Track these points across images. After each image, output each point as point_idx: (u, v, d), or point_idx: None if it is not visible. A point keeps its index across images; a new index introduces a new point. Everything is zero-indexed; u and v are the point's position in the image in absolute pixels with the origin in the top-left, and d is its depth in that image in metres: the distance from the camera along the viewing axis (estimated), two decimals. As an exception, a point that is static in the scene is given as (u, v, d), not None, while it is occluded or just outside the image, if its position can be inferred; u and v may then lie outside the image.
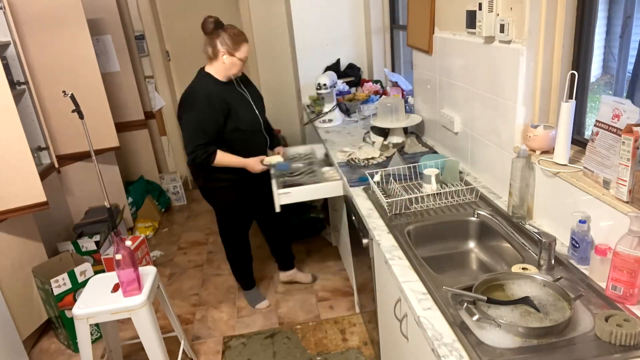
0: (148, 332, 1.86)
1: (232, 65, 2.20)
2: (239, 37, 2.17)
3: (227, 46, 2.15)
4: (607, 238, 1.23)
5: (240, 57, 2.19)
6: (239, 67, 2.22)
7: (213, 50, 2.18)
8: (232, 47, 2.16)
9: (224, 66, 2.20)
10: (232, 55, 2.17)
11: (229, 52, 2.16)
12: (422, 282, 1.33)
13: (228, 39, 2.15)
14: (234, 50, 2.16)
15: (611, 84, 1.65)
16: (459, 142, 2.11)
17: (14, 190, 2.31)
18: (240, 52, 2.18)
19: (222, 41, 2.15)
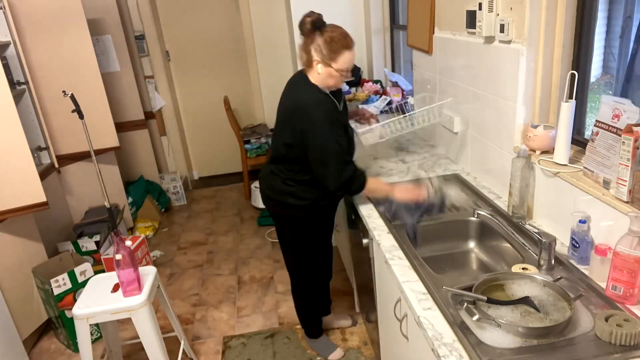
0: (148, 332, 1.86)
1: (328, 77, 1.74)
2: (337, 44, 1.68)
3: (321, 54, 1.69)
4: (607, 238, 1.23)
5: (338, 69, 1.71)
6: (337, 79, 1.74)
7: (307, 57, 1.74)
8: (327, 56, 1.69)
9: (319, 77, 1.75)
10: (328, 65, 1.70)
11: (323, 61, 1.70)
12: (422, 282, 1.33)
13: (323, 45, 1.68)
14: (329, 60, 1.69)
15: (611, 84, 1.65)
16: (459, 142, 2.11)
17: (14, 190, 2.31)
18: (338, 63, 1.70)
19: (316, 48, 1.69)
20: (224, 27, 4.42)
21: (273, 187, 1.95)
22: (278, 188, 1.92)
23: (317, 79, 1.76)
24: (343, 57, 1.70)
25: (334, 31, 1.69)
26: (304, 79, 1.79)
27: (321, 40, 1.68)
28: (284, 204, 1.94)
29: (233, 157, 4.78)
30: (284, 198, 1.93)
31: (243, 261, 3.26)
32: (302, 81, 1.80)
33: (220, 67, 4.54)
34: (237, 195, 4.43)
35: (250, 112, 4.68)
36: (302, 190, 1.90)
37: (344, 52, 1.69)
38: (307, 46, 1.73)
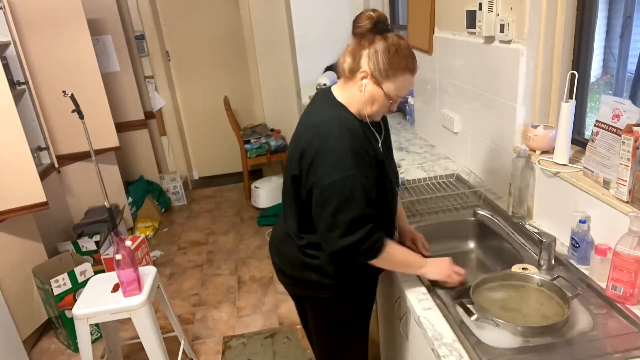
0: (148, 332, 1.86)
1: (371, 99, 1.23)
2: (401, 60, 1.19)
3: (375, 65, 1.19)
4: (607, 238, 1.23)
5: (389, 92, 1.21)
6: (381, 106, 1.24)
7: (352, 64, 1.22)
8: (383, 71, 1.19)
9: (357, 96, 1.23)
10: (378, 83, 1.20)
11: (374, 75, 1.20)
12: (422, 282, 1.33)
13: (383, 54, 1.18)
14: (384, 77, 1.19)
15: (611, 84, 1.65)
16: (459, 142, 2.11)
17: (13, 190, 2.30)
18: (395, 85, 1.21)
19: (371, 54, 1.18)
20: (224, 27, 4.42)
21: (287, 257, 1.39)
22: (294, 260, 1.36)
23: (353, 99, 1.24)
24: (403, 80, 1.21)
25: (401, 41, 1.21)
26: (328, 95, 1.29)
27: (382, 47, 1.18)
28: (305, 282, 1.37)
29: (233, 157, 4.78)
30: (304, 274, 1.36)
31: (243, 261, 3.26)
32: (326, 99, 1.29)
33: (220, 67, 4.54)
34: (237, 195, 4.43)
35: (250, 112, 4.67)
36: (329, 261, 1.30)
37: (406, 75, 1.21)
38: (357, 49, 1.21)
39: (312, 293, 1.38)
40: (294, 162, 1.25)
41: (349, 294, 1.37)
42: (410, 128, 2.83)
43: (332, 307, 1.38)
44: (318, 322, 1.45)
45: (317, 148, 1.18)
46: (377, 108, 1.24)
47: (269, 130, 4.32)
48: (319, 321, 1.44)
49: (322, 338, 1.48)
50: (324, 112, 1.25)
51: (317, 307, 1.41)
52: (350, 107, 1.25)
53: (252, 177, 4.35)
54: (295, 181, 1.26)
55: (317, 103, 1.32)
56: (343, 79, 1.27)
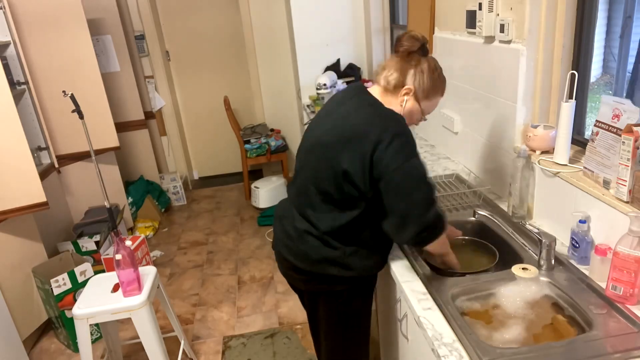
0: (148, 332, 1.86)
1: (409, 115, 1.34)
2: (439, 82, 1.34)
3: (421, 83, 1.31)
4: (607, 238, 1.23)
5: (424, 110, 1.36)
6: (414, 121, 1.39)
7: (398, 79, 1.31)
8: (426, 90, 1.32)
9: (397, 110, 1.33)
10: (419, 101, 1.33)
11: (416, 94, 1.32)
12: (422, 282, 1.33)
13: (428, 75, 1.31)
14: (424, 95, 1.33)
15: (611, 84, 1.65)
16: (459, 142, 2.11)
17: (14, 190, 2.30)
18: (430, 103, 1.36)
19: (417, 74, 1.30)
20: (224, 27, 4.42)
21: (305, 254, 1.40)
22: (313, 255, 1.38)
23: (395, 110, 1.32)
24: (436, 100, 1.37)
25: (438, 65, 1.35)
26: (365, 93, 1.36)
27: (428, 68, 1.30)
28: (321, 277, 1.41)
29: (233, 157, 4.78)
30: (322, 269, 1.38)
31: (243, 261, 3.26)
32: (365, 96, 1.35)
33: (220, 67, 4.54)
34: (237, 195, 4.43)
35: (250, 112, 4.67)
36: (351, 254, 1.36)
37: (439, 96, 1.37)
38: (405, 66, 1.30)
39: (327, 287, 1.42)
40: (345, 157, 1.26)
41: (363, 286, 1.45)
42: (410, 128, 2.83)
43: (347, 300, 1.43)
44: (332, 315, 1.48)
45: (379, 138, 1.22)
46: (411, 122, 1.36)
47: (269, 130, 4.32)
48: (333, 313, 1.47)
49: (334, 329, 1.51)
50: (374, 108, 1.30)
51: (332, 301, 1.44)
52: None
53: (252, 177, 4.35)
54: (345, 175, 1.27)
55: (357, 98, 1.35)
56: (383, 89, 1.34)
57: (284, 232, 1.46)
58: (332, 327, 1.50)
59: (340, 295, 1.43)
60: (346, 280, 1.40)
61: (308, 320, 1.61)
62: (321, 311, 1.50)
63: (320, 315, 1.51)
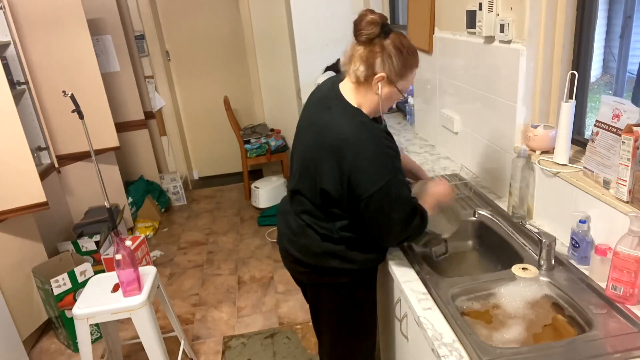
0: (148, 332, 1.86)
1: (387, 100, 1.31)
2: (410, 57, 1.27)
3: (391, 68, 1.24)
4: (607, 238, 1.23)
5: (402, 88, 1.30)
6: (392, 102, 1.35)
7: (367, 71, 1.25)
8: (398, 71, 1.25)
9: (372, 98, 1.29)
10: (393, 84, 1.27)
11: (389, 78, 1.26)
12: (422, 282, 1.33)
13: (396, 56, 1.23)
14: (398, 77, 1.26)
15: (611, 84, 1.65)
16: (459, 142, 2.11)
17: (14, 190, 2.30)
18: (406, 81, 1.30)
19: (386, 59, 1.23)
20: (224, 27, 4.42)
21: (308, 248, 1.41)
22: (316, 248, 1.40)
23: (367, 100, 1.29)
24: (412, 75, 1.30)
25: (404, 40, 1.26)
26: (338, 98, 1.31)
27: (394, 50, 1.23)
28: (324, 270, 1.42)
29: (233, 157, 4.78)
30: (324, 261, 1.40)
31: (243, 261, 3.26)
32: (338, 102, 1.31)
33: (220, 67, 4.54)
34: (237, 195, 4.43)
35: (250, 112, 4.67)
36: (351, 247, 1.38)
37: (414, 69, 1.30)
38: (370, 56, 1.23)
39: (331, 279, 1.44)
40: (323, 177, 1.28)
41: (365, 278, 1.48)
42: (410, 128, 2.83)
43: (350, 291, 1.45)
44: (335, 307, 1.50)
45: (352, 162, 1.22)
46: (388, 104, 1.34)
47: (269, 130, 4.32)
48: (336, 306, 1.49)
49: (337, 322, 1.52)
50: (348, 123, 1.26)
51: (335, 293, 1.46)
52: (364, 108, 1.30)
53: (252, 177, 4.35)
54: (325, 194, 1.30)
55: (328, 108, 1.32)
56: (355, 83, 1.29)
57: (287, 227, 1.48)
58: (335, 320, 1.51)
59: (343, 287, 1.45)
60: (348, 272, 1.42)
61: (311, 314, 1.61)
62: (324, 304, 1.51)
63: (323, 309, 1.53)
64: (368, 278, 1.49)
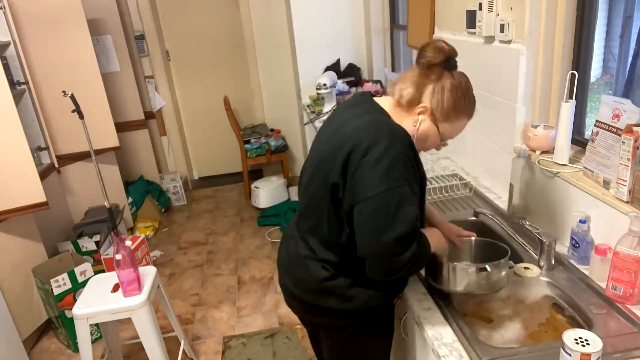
0: (148, 332, 1.86)
1: (422, 137, 1.16)
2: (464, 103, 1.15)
3: (439, 104, 1.12)
4: (607, 238, 1.23)
5: (443, 133, 1.16)
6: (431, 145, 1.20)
7: (413, 95, 1.14)
8: (445, 110, 1.13)
9: (410, 130, 1.13)
10: (436, 123, 1.14)
11: (433, 114, 1.13)
12: (422, 283, 1.33)
13: (450, 94, 1.12)
14: (443, 116, 1.14)
15: (611, 84, 1.65)
16: (459, 142, 2.11)
17: (14, 190, 2.30)
18: (451, 127, 1.16)
19: (437, 91, 1.12)
20: (224, 27, 4.42)
21: (304, 282, 1.24)
22: (311, 284, 1.22)
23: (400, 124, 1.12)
24: (460, 123, 1.17)
25: (468, 84, 1.16)
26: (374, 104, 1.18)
27: (450, 85, 1.11)
28: (320, 309, 1.24)
29: (233, 157, 4.78)
30: (321, 300, 1.22)
31: (243, 261, 3.27)
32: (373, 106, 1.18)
33: (220, 67, 4.54)
34: (237, 195, 4.43)
35: (250, 112, 4.67)
36: (353, 284, 1.19)
37: (464, 119, 1.17)
38: (423, 81, 1.12)
39: (327, 320, 1.26)
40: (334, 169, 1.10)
41: (368, 321, 1.26)
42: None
43: (350, 336, 1.26)
44: (334, 352, 1.34)
45: (365, 152, 1.04)
46: (426, 146, 1.18)
47: (269, 130, 4.32)
48: (334, 350, 1.33)
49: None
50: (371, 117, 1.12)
51: (334, 335, 1.29)
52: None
53: (252, 177, 4.34)
54: (335, 190, 1.11)
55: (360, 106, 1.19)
56: (396, 103, 1.16)
57: (286, 254, 1.32)
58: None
59: (341, 331, 1.26)
60: (348, 313, 1.22)
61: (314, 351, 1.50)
62: (323, 345, 1.37)
63: (323, 349, 1.39)
64: (374, 322, 1.27)
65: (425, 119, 1.13)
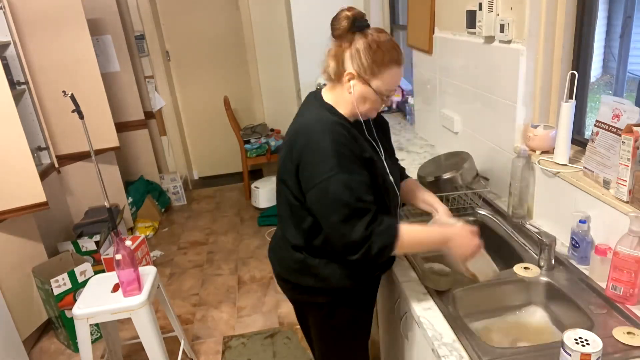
0: (148, 332, 1.86)
1: (361, 99, 1.21)
2: (384, 54, 1.17)
3: (359, 65, 1.17)
4: (607, 238, 1.23)
5: (378, 88, 1.19)
6: (374, 103, 1.23)
7: (336, 67, 1.22)
8: (368, 68, 1.17)
9: (346, 98, 1.22)
10: (366, 82, 1.19)
11: (360, 75, 1.18)
12: (422, 282, 1.33)
13: (365, 52, 1.16)
14: (370, 75, 1.18)
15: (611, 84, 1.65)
16: (459, 142, 2.11)
17: (14, 190, 2.30)
18: (382, 80, 1.19)
19: (353, 54, 1.18)
20: (224, 27, 4.42)
21: (285, 262, 1.36)
22: (291, 264, 1.33)
23: (343, 100, 1.23)
24: (390, 74, 1.18)
25: (380, 35, 1.18)
26: (317, 98, 1.29)
27: (363, 45, 1.16)
28: (301, 287, 1.34)
29: (233, 157, 4.78)
30: (300, 278, 1.32)
31: (243, 261, 3.26)
32: (314, 101, 1.29)
33: (220, 67, 4.54)
34: (237, 195, 4.43)
35: (250, 112, 4.67)
36: (326, 264, 1.27)
37: (392, 68, 1.18)
38: (339, 51, 1.20)
39: (308, 298, 1.35)
40: (282, 166, 1.26)
41: (347, 297, 1.34)
42: (410, 128, 2.83)
43: (331, 312, 1.34)
44: (318, 327, 1.42)
45: (300, 152, 1.17)
46: (370, 106, 1.23)
47: (269, 130, 4.32)
48: (318, 326, 1.41)
49: (322, 343, 1.45)
50: (309, 115, 1.25)
51: (316, 312, 1.37)
52: (340, 108, 1.24)
53: (252, 177, 4.34)
54: (285, 185, 1.25)
55: (305, 106, 1.32)
56: (330, 82, 1.26)
57: (274, 239, 1.44)
58: (319, 339, 1.44)
59: (322, 307, 1.34)
60: (325, 291, 1.31)
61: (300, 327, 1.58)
62: (308, 322, 1.46)
63: (308, 325, 1.47)
64: (354, 299, 1.35)
65: (356, 83, 1.19)
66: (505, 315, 1.28)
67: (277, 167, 1.31)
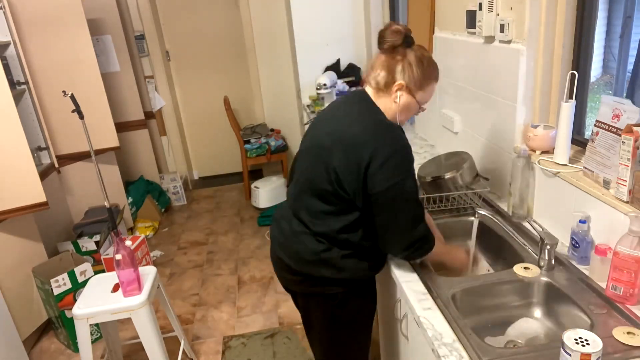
0: (148, 332, 1.86)
1: (405, 109, 1.32)
2: (430, 69, 1.31)
3: (410, 78, 1.28)
4: (607, 238, 1.23)
5: (420, 101, 1.33)
6: (410, 113, 1.36)
7: (387, 77, 1.29)
8: (417, 82, 1.29)
9: (392, 107, 1.31)
10: (412, 94, 1.30)
11: (409, 87, 1.29)
12: (422, 282, 1.33)
13: (417, 66, 1.27)
14: (417, 87, 1.30)
15: (611, 84, 1.65)
16: (459, 142, 2.11)
17: (14, 190, 2.30)
18: (425, 93, 1.33)
19: (406, 67, 1.27)
20: (224, 27, 4.42)
21: (299, 254, 1.38)
22: (308, 255, 1.36)
23: (387, 109, 1.32)
24: (431, 88, 1.33)
25: (426, 53, 1.31)
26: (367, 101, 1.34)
27: (415, 59, 1.27)
28: (314, 279, 1.38)
29: (233, 157, 4.78)
30: (315, 270, 1.37)
31: (243, 261, 3.27)
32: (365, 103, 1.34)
33: (220, 67, 4.54)
34: (237, 195, 4.43)
35: (250, 112, 4.68)
36: (345, 256, 1.34)
37: (433, 83, 1.33)
38: (392, 63, 1.28)
39: (321, 289, 1.39)
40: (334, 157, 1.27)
41: (359, 288, 1.42)
42: (410, 128, 2.83)
43: (342, 302, 1.40)
44: (326, 318, 1.44)
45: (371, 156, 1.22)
46: (407, 116, 1.35)
47: (269, 130, 4.32)
48: (327, 317, 1.44)
49: (328, 333, 1.48)
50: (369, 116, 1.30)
51: (326, 303, 1.41)
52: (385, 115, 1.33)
53: (252, 177, 4.35)
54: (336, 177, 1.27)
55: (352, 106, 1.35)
56: (376, 90, 1.32)
57: (280, 232, 1.45)
58: (327, 331, 1.47)
59: (334, 298, 1.39)
60: (340, 282, 1.37)
61: (302, 323, 1.59)
62: (315, 314, 1.47)
63: (313, 319, 1.49)
64: (363, 289, 1.44)
65: (403, 94, 1.29)
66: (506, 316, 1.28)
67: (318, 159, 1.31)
